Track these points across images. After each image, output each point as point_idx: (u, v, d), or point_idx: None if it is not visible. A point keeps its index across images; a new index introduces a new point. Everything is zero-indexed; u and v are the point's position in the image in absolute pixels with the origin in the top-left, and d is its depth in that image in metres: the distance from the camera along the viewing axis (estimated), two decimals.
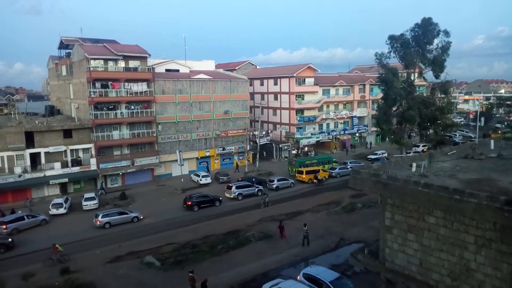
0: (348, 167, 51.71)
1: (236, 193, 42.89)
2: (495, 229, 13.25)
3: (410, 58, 49.65)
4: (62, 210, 38.54)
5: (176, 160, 49.58)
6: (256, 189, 44.44)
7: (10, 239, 31.29)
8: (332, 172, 51.95)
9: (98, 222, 34.90)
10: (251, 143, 59.55)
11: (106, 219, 35.11)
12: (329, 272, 22.17)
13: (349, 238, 31.21)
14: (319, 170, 50.69)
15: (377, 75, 53.12)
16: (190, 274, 23.22)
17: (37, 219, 35.73)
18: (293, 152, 64.34)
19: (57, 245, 28.22)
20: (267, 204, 40.31)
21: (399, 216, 16.46)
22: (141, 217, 37.10)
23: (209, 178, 50.07)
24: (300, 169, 50.81)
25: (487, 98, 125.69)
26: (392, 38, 50.36)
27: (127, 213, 36.65)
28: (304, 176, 49.17)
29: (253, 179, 48.19)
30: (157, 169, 51.98)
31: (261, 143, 59.21)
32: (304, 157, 61.23)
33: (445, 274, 14.94)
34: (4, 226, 33.20)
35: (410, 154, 41.74)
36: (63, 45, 57.15)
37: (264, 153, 57.22)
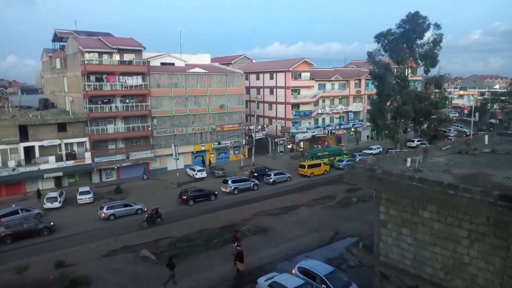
0: (357, 159, 51.61)
1: (232, 187, 42.93)
2: (488, 224, 13.39)
3: (400, 54, 49.39)
4: (56, 204, 38.50)
5: (172, 154, 49.51)
6: (252, 183, 44.52)
7: (52, 223, 32.83)
8: (340, 164, 52.02)
9: (103, 214, 35.23)
10: (247, 137, 59.54)
11: (111, 211, 35.48)
12: (323, 266, 22.32)
13: (344, 232, 31.39)
14: (320, 164, 50.84)
15: (370, 70, 52.98)
16: (238, 248, 25.15)
17: (31, 213, 35.53)
18: (289, 146, 64.50)
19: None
20: None
21: (393, 211, 16.57)
22: (145, 209, 37.36)
23: (205, 172, 50.05)
24: (302, 163, 51.02)
25: (482, 94, 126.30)
26: (379, 36, 49.86)
27: (131, 205, 37.02)
28: (306, 170, 49.36)
29: (266, 170, 48.94)
30: (152, 163, 51.83)
31: (256, 138, 59.19)
32: (314, 149, 61.93)
33: (439, 268, 15.10)
34: None
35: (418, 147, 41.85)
36: (57, 38, 56.63)
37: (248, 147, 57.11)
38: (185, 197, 39.59)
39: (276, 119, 66.70)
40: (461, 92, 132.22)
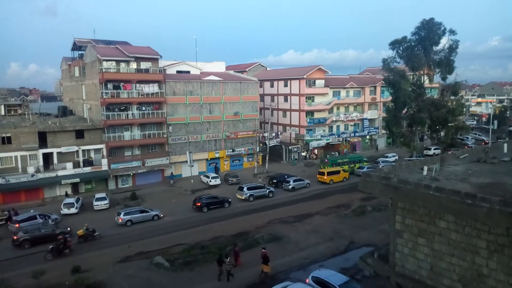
0: (380, 166, 50.67)
1: (248, 194, 42.95)
2: (508, 235, 13.04)
3: (416, 61, 48.88)
4: (73, 210, 39.07)
5: (186, 161, 49.86)
6: (268, 191, 44.46)
7: (69, 228, 33.28)
8: (360, 172, 51.53)
9: (120, 220, 35.71)
10: (261, 144, 59.60)
11: (128, 217, 35.99)
12: (338, 276, 22.05)
13: (359, 241, 31.00)
14: (339, 171, 50.50)
15: (384, 77, 52.54)
16: (263, 250, 25.70)
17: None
18: (303, 154, 64.26)
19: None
20: None
21: (409, 220, 16.29)
22: (161, 215, 37.82)
23: (219, 179, 50.22)
24: (321, 170, 50.85)
25: (501, 101, 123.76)
26: (394, 43, 49.45)
27: (148, 211, 37.48)
28: (325, 177, 49.10)
29: (285, 176, 49.05)
30: (167, 170, 52.28)
31: (270, 145, 59.21)
32: (334, 156, 61.77)
33: (456, 279, 14.74)
34: (17, 225, 33.70)
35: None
36: (76, 47, 58.03)
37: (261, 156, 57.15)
38: (199, 204, 39.75)
39: (290, 126, 66.65)
40: (479, 100, 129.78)
